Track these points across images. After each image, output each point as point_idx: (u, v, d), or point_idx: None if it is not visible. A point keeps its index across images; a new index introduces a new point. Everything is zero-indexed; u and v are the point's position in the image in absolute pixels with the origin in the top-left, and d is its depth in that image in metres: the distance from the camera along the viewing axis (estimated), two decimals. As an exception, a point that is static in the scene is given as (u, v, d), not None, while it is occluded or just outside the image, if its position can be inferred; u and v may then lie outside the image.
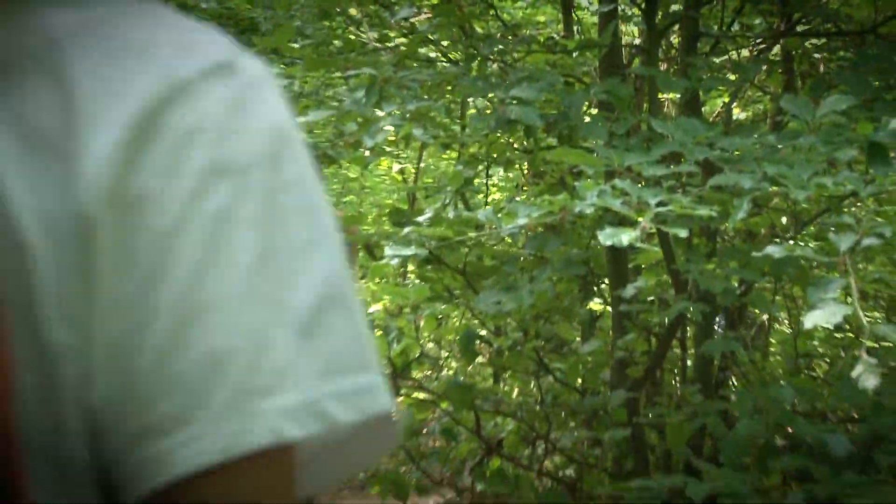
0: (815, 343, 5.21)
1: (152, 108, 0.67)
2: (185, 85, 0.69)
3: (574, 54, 4.22)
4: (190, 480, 0.64)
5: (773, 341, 5.33)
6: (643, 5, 3.96)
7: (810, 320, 2.65)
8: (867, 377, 2.88)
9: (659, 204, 2.72)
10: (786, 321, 5.09)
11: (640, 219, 2.74)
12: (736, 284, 3.49)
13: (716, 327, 4.04)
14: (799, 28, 4.38)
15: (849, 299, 2.98)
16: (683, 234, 2.82)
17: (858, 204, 3.82)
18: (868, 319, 3.37)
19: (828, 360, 5.25)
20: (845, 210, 3.72)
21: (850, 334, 4.79)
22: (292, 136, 0.74)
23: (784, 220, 3.76)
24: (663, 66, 4.12)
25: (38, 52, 0.69)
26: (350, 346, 0.72)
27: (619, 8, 3.95)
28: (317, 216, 0.74)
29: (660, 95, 4.05)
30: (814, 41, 4.70)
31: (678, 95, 4.01)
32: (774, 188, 2.88)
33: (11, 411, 0.62)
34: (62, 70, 0.68)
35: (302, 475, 0.74)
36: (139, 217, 0.66)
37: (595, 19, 4.18)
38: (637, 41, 4.30)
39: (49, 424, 0.65)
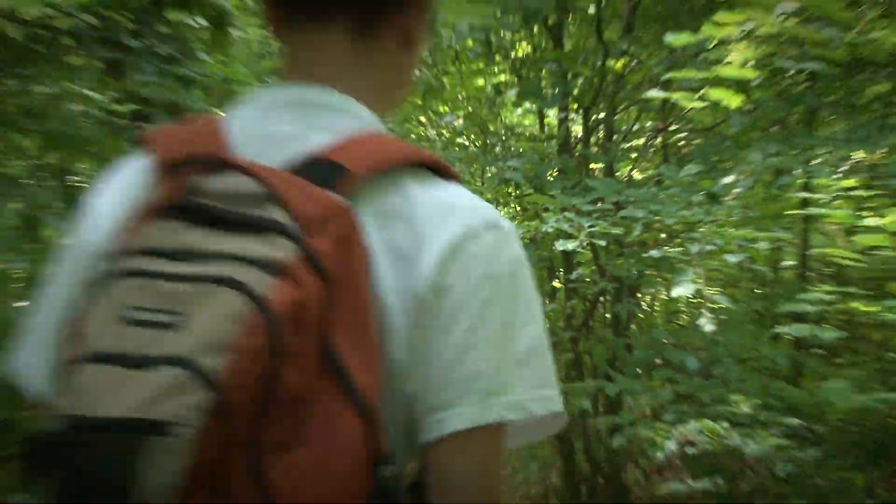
0: (680, 305, 5.10)
1: (457, 241, 0.70)
2: (474, 232, 0.71)
3: (544, 142, 4.16)
4: (454, 436, 0.68)
5: (656, 304, 5.27)
6: (583, 114, 3.89)
7: (675, 292, 2.68)
8: (707, 324, 3.10)
9: (590, 226, 2.71)
10: (664, 293, 4.97)
11: (579, 235, 2.73)
12: (635, 272, 3.40)
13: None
14: (671, 128, 4.29)
15: (698, 280, 2.97)
16: (604, 243, 2.81)
17: (704, 227, 3.58)
18: (709, 292, 3.31)
19: (686, 315, 5.11)
20: (696, 230, 3.55)
21: (700, 300, 4.37)
22: (523, 264, 0.75)
23: (662, 235, 3.68)
24: (594, 149, 3.94)
25: (401, 206, 0.71)
26: (543, 375, 0.74)
27: (569, 116, 3.91)
28: (531, 306, 0.75)
29: (591, 165, 4.00)
30: (679, 135, 4.59)
31: (602, 165, 3.96)
32: (657, 217, 2.90)
33: (379, 395, 0.65)
34: (412, 217, 0.70)
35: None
36: (444, 297, 0.69)
37: (556, 122, 4.13)
38: (579, 134, 4.15)
39: (387, 400, 0.68)
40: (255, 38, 4.21)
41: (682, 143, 4.52)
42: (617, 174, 4.04)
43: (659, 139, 4.28)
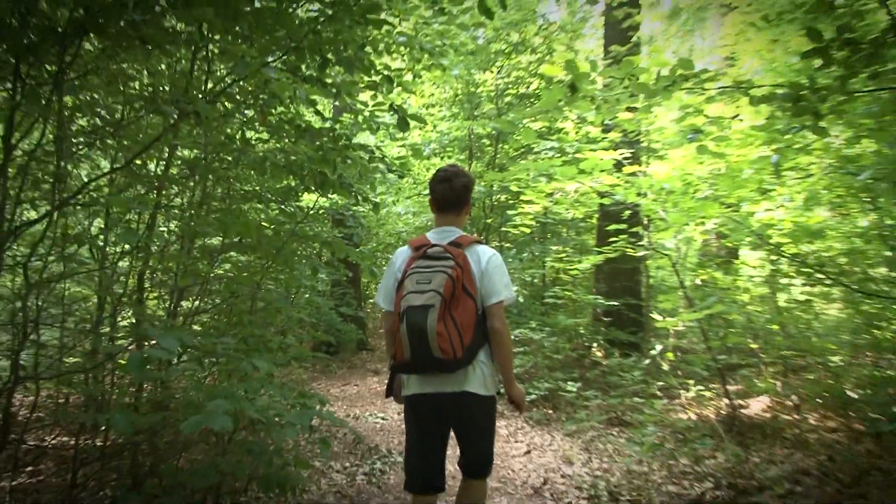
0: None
1: (487, 258, 2.02)
2: (490, 256, 2.01)
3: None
4: (494, 304, 2.00)
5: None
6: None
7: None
8: (519, 297, 6.07)
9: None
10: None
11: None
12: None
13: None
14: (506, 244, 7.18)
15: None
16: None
17: (517, 271, 6.41)
18: (520, 290, 6.73)
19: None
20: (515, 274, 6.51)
21: (517, 293, 6.00)
22: (502, 263, 2.00)
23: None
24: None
25: (475, 251, 2.02)
26: (511, 288, 2.01)
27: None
28: (505, 272, 1.98)
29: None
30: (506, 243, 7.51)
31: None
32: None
33: (476, 295, 1.95)
34: (478, 254, 2.02)
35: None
36: (486, 271, 1.99)
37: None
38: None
39: (478, 295, 1.98)
40: (388, 210, 7.90)
41: (508, 245, 7.58)
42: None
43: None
